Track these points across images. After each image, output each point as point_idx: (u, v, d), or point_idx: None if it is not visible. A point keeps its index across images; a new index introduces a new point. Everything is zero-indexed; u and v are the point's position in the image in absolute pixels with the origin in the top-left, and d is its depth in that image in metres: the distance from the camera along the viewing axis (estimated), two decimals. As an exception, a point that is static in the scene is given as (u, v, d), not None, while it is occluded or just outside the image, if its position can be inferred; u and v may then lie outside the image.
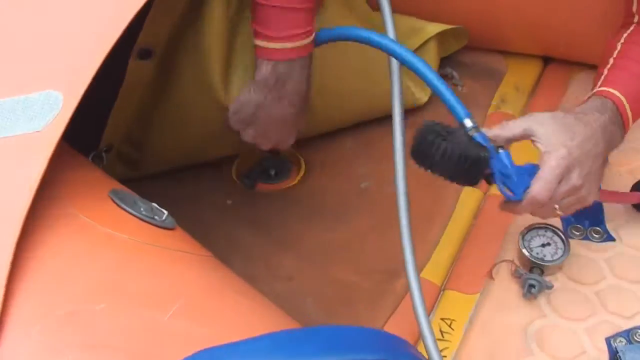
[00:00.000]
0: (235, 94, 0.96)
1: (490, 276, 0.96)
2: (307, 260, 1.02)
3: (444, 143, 0.72)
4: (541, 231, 0.96)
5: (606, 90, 0.85)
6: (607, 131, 0.81)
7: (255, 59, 0.90)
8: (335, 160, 1.16)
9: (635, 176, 1.03)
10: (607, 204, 1.02)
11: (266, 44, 0.87)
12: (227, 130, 0.95)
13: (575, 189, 0.78)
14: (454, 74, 1.27)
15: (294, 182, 1.14)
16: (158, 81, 0.97)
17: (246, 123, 0.93)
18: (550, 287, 0.92)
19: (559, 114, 0.80)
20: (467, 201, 1.08)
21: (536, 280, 0.91)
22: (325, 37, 0.91)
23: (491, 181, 0.78)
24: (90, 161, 0.93)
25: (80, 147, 0.81)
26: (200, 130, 1.04)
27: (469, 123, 0.77)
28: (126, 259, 0.61)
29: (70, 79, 0.64)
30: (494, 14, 1.21)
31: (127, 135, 1.03)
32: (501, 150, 0.78)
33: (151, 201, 0.72)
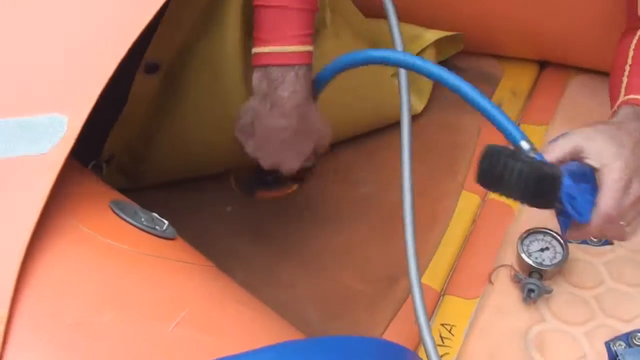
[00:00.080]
0: None
1: (489, 281, 0.97)
2: (308, 268, 1.03)
3: (518, 164, 0.70)
4: (540, 235, 0.96)
5: (635, 98, 0.83)
6: None
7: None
8: (335, 167, 1.17)
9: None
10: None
11: (261, 49, 0.86)
12: (234, 143, 0.92)
13: (639, 200, 0.75)
14: (451, 79, 1.27)
15: (293, 189, 1.15)
16: (162, 94, 0.97)
17: (247, 133, 0.91)
18: (549, 292, 0.92)
19: (600, 127, 0.78)
20: (466, 206, 1.09)
21: (535, 285, 0.91)
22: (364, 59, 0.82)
23: (557, 205, 0.75)
24: (90, 171, 0.93)
25: (80, 156, 0.81)
26: (203, 147, 1.03)
27: (526, 145, 0.73)
28: (127, 270, 0.61)
29: (75, 102, 0.64)
30: (490, 19, 1.21)
31: (128, 146, 1.03)
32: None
33: (151, 211, 0.72)
